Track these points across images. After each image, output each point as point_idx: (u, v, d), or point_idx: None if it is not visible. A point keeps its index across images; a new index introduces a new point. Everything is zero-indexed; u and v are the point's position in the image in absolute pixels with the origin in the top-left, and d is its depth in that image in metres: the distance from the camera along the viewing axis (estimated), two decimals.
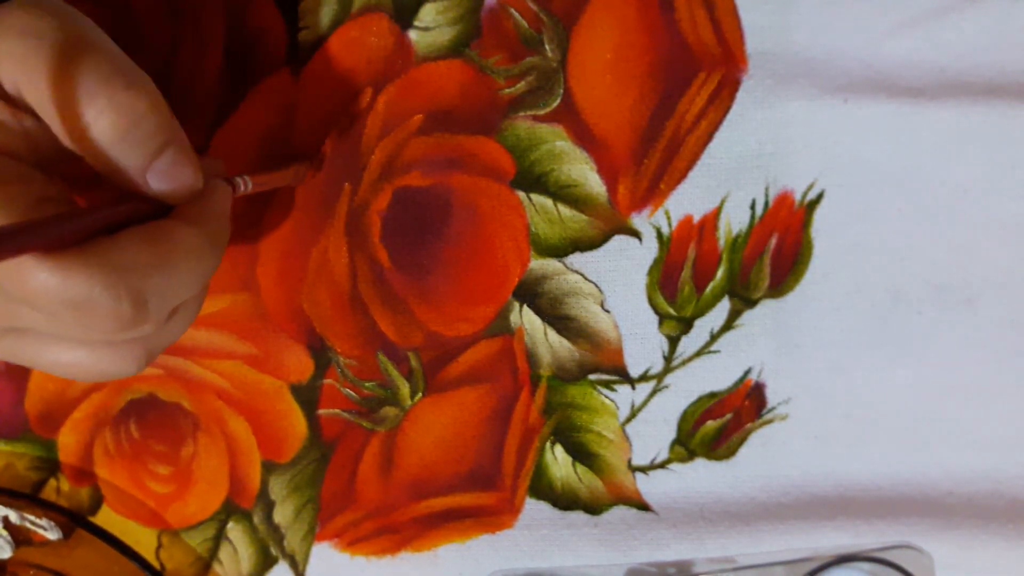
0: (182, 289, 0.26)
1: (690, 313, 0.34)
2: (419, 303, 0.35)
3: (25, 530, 0.37)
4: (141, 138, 0.25)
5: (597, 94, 0.34)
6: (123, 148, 0.25)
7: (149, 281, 0.24)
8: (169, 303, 0.25)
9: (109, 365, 0.26)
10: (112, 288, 0.23)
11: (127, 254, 0.24)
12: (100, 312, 0.23)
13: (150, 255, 0.24)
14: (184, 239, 0.25)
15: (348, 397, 0.36)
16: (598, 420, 0.35)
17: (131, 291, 0.24)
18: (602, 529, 0.35)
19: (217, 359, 0.36)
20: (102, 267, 0.23)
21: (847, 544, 0.34)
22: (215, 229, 0.27)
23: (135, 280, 0.24)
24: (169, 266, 0.25)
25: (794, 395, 0.34)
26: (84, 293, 0.23)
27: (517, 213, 0.35)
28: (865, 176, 0.33)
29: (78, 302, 0.23)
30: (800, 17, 0.33)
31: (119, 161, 0.25)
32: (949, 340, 0.34)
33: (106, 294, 0.23)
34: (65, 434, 0.37)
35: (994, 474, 0.34)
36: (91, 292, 0.23)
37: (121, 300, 0.23)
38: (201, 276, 0.26)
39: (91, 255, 0.23)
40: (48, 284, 0.22)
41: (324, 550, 0.37)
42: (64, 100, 0.24)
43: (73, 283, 0.23)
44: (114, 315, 0.23)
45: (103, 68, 0.24)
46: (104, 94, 0.24)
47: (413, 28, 0.34)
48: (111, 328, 0.24)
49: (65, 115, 0.24)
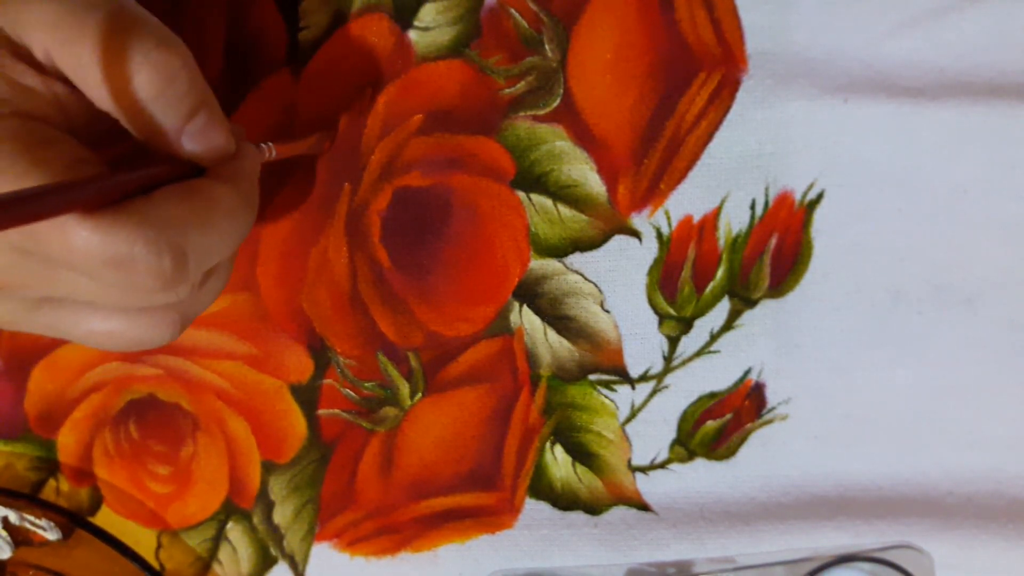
0: (219, 247, 0.26)
1: (690, 313, 0.34)
2: (419, 303, 0.35)
3: (25, 530, 0.37)
4: (176, 97, 0.25)
5: (597, 94, 0.34)
6: (159, 106, 0.25)
7: (188, 237, 0.24)
8: (207, 261, 0.25)
9: (145, 332, 0.26)
10: (153, 244, 0.23)
11: (166, 211, 0.24)
12: (142, 269, 0.23)
13: (188, 212, 0.24)
14: (220, 197, 0.26)
15: (348, 397, 0.36)
16: (598, 420, 0.35)
17: (172, 247, 0.24)
18: (602, 529, 0.35)
19: (217, 359, 0.36)
20: (143, 224, 0.23)
21: (847, 544, 0.34)
22: (247, 189, 0.27)
23: (175, 236, 0.24)
24: (207, 223, 0.25)
25: (794, 395, 0.34)
26: (126, 250, 0.23)
27: (517, 213, 0.35)
28: (865, 176, 0.33)
29: (120, 260, 0.23)
30: (800, 17, 0.33)
31: (156, 120, 0.25)
32: (949, 340, 0.34)
33: (148, 250, 0.23)
34: (65, 434, 0.37)
35: (994, 474, 0.34)
36: (133, 249, 0.23)
37: (163, 256, 0.23)
38: (236, 235, 0.27)
39: (131, 213, 0.23)
40: (90, 243, 0.22)
41: (324, 550, 0.36)
42: (99, 60, 0.24)
43: (115, 240, 0.23)
44: (156, 272, 0.23)
45: (137, 27, 0.25)
46: (140, 51, 0.24)
47: (413, 28, 0.34)
48: (152, 286, 0.24)
49: (101, 75, 0.24)
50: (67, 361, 0.37)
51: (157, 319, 0.26)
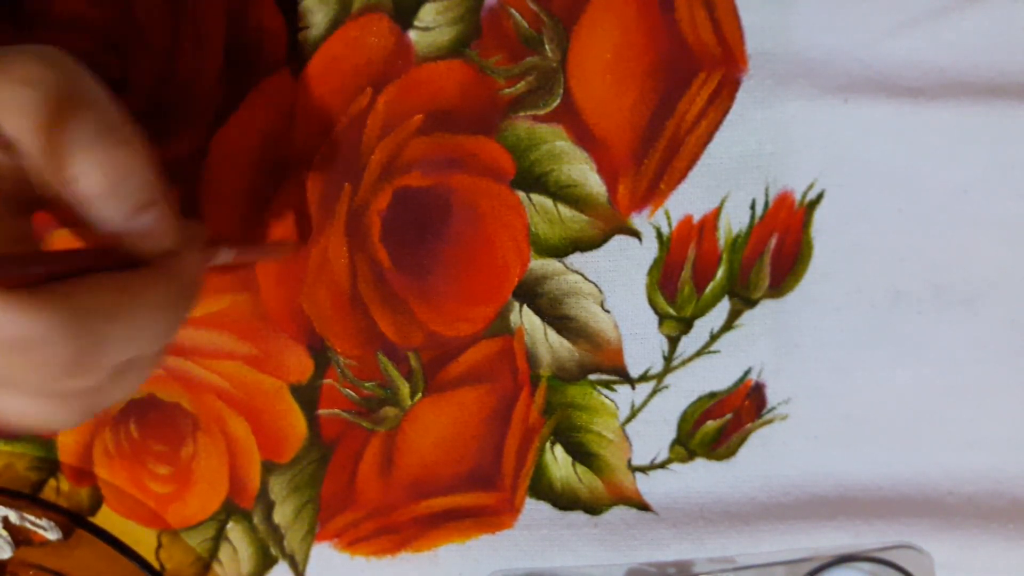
0: (138, 343, 0.25)
1: (690, 313, 0.34)
2: (419, 303, 0.35)
3: (25, 530, 0.37)
4: (126, 194, 0.25)
5: (597, 94, 0.34)
6: (108, 201, 0.25)
7: (106, 328, 0.24)
8: (122, 354, 0.25)
9: (49, 416, 0.25)
10: (57, 329, 0.22)
11: (89, 296, 0.23)
12: (43, 356, 0.23)
13: (114, 300, 0.24)
14: (153, 290, 0.25)
15: (348, 397, 0.36)
16: (598, 420, 0.35)
17: (79, 335, 0.23)
18: (602, 529, 0.35)
19: (217, 359, 0.36)
20: (50, 305, 0.22)
21: (847, 544, 0.34)
22: (183, 291, 0.27)
23: (87, 322, 0.23)
24: (132, 314, 0.24)
25: (794, 395, 0.34)
26: (27, 333, 0.22)
27: (517, 213, 0.35)
28: (865, 176, 0.33)
29: (21, 343, 0.22)
30: (800, 17, 0.33)
31: (102, 212, 0.25)
32: (949, 340, 0.34)
33: (49, 336, 0.22)
34: (65, 434, 0.37)
35: (994, 474, 0.34)
36: (33, 330, 0.22)
37: (67, 344, 0.23)
38: (160, 333, 0.26)
39: (48, 294, 0.23)
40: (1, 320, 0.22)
41: (324, 550, 0.37)
42: (56, 150, 0.24)
43: (20, 320, 0.22)
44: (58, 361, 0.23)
45: (98, 123, 0.25)
46: (97, 149, 0.24)
47: (413, 28, 0.34)
48: (60, 371, 0.23)
49: (56, 164, 0.24)
50: None
51: (65, 405, 0.25)
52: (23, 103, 0.24)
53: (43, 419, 0.26)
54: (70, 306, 0.23)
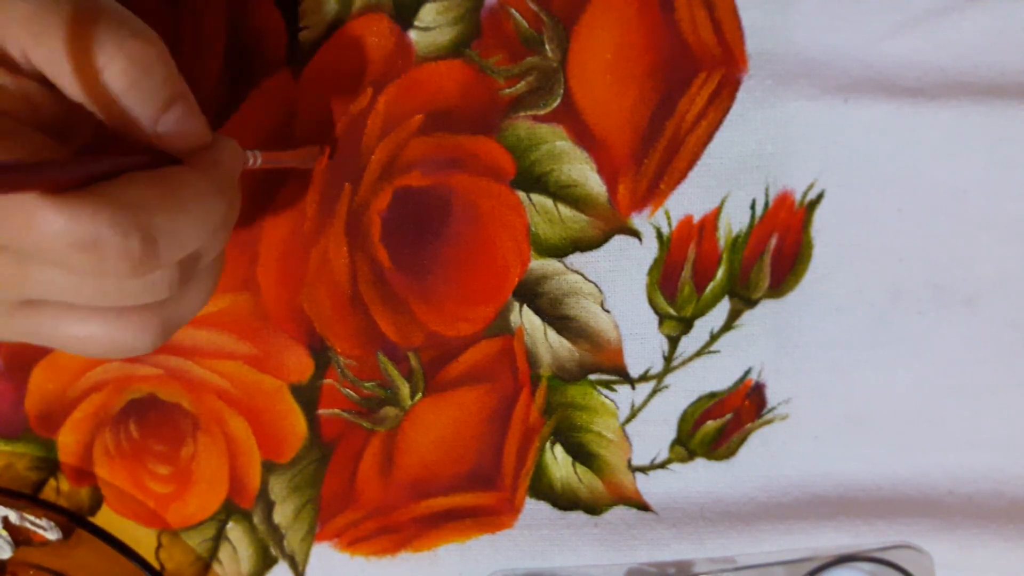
0: (191, 234, 0.25)
1: (690, 313, 0.34)
2: (419, 303, 0.35)
3: (25, 530, 0.37)
4: (151, 87, 0.25)
5: (597, 94, 0.34)
6: (134, 96, 0.25)
7: (156, 218, 0.24)
8: (178, 247, 0.25)
9: (124, 336, 0.26)
10: (119, 223, 0.23)
11: (132, 192, 0.24)
12: (109, 250, 0.23)
13: (156, 194, 0.24)
14: (191, 181, 0.25)
15: (348, 397, 0.36)
16: (598, 420, 0.35)
17: (139, 226, 0.23)
18: (602, 529, 0.35)
19: (217, 359, 0.36)
20: (108, 204, 0.23)
21: (847, 544, 0.34)
22: (222, 179, 0.27)
23: (142, 216, 0.23)
24: (176, 205, 0.25)
25: (794, 395, 0.34)
26: (91, 230, 0.23)
27: (517, 213, 0.35)
28: (865, 176, 0.33)
29: (86, 241, 0.23)
30: (800, 17, 0.33)
31: (130, 111, 0.25)
32: (949, 340, 0.34)
33: (113, 230, 0.23)
34: (65, 434, 0.37)
35: (994, 474, 0.34)
36: (98, 229, 0.23)
37: (129, 236, 0.23)
38: (209, 222, 0.26)
39: (97, 194, 0.23)
40: (55, 224, 0.22)
41: (324, 550, 0.37)
42: (75, 52, 0.24)
43: (79, 220, 0.22)
44: (123, 253, 0.23)
45: (109, 18, 0.25)
46: (113, 42, 0.24)
47: (413, 28, 0.34)
48: (122, 269, 0.23)
49: (76, 67, 0.24)
50: (67, 361, 0.37)
51: (136, 322, 0.26)
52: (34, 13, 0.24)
53: (116, 341, 0.26)
54: (120, 200, 0.23)
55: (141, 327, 0.26)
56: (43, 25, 0.24)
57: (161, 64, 0.25)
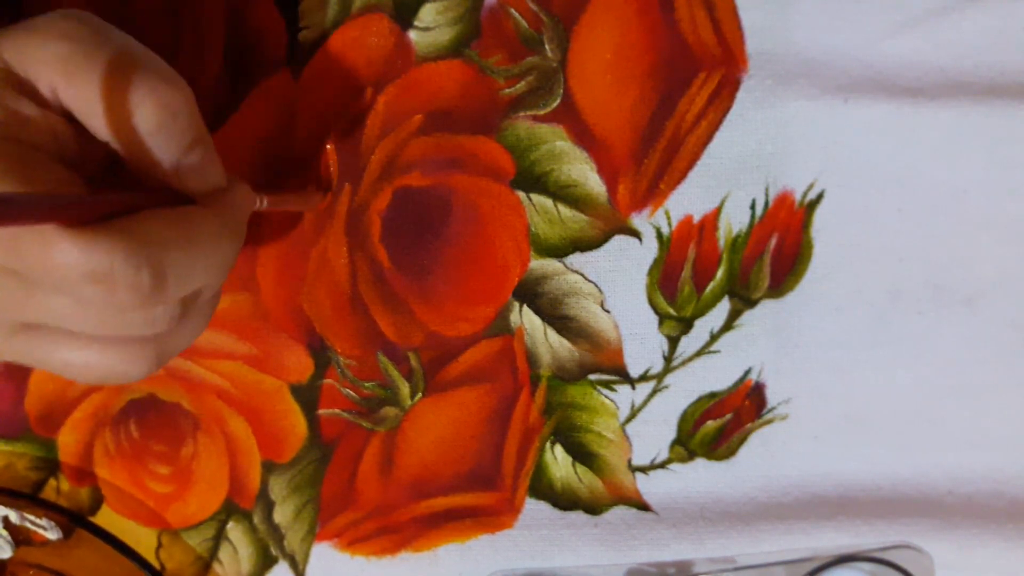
0: (201, 272, 0.26)
1: (690, 313, 0.35)
2: (419, 303, 0.35)
3: (25, 530, 0.37)
4: (177, 131, 0.26)
5: (597, 94, 0.34)
6: (160, 138, 0.26)
7: (169, 255, 0.24)
8: (187, 284, 0.26)
9: (118, 365, 0.26)
10: (132, 258, 0.23)
11: (148, 228, 0.24)
12: (120, 283, 0.23)
13: (171, 232, 0.25)
14: (205, 221, 0.26)
15: (348, 397, 0.36)
16: (598, 420, 0.35)
17: (151, 262, 0.24)
18: (602, 529, 0.35)
19: (217, 359, 0.36)
20: (123, 238, 0.23)
21: (847, 544, 0.34)
22: (234, 221, 0.28)
23: (155, 252, 0.24)
24: (189, 244, 0.25)
25: (794, 395, 0.34)
26: (106, 263, 0.23)
27: (517, 213, 0.35)
28: (865, 176, 0.33)
29: (99, 273, 0.23)
30: (800, 17, 0.33)
31: (154, 151, 0.26)
32: (949, 340, 0.34)
33: (127, 263, 0.23)
34: (65, 434, 0.37)
35: (994, 474, 0.34)
36: (112, 262, 0.23)
37: (141, 270, 0.24)
38: (219, 262, 0.27)
39: (113, 228, 0.24)
40: (70, 255, 0.23)
41: (324, 550, 0.37)
42: (104, 92, 0.25)
43: (95, 253, 0.23)
44: (134, 286, 0.24)
45: (143, 64, 0.25)
46: (146, 87, 0.25)
47: (413, 28, 0.34)
48: (131, 302, 0.24)
49: (107, 108, 0.25)
50: None
51: (132, 352, 0.26)
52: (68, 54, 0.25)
53: (110, 369, 0.26)
54: (136, 236, 0.24)
55: (136, 357, 0.27)
56: (78, 67, 0.25)
57: (188, 109, 0.26)
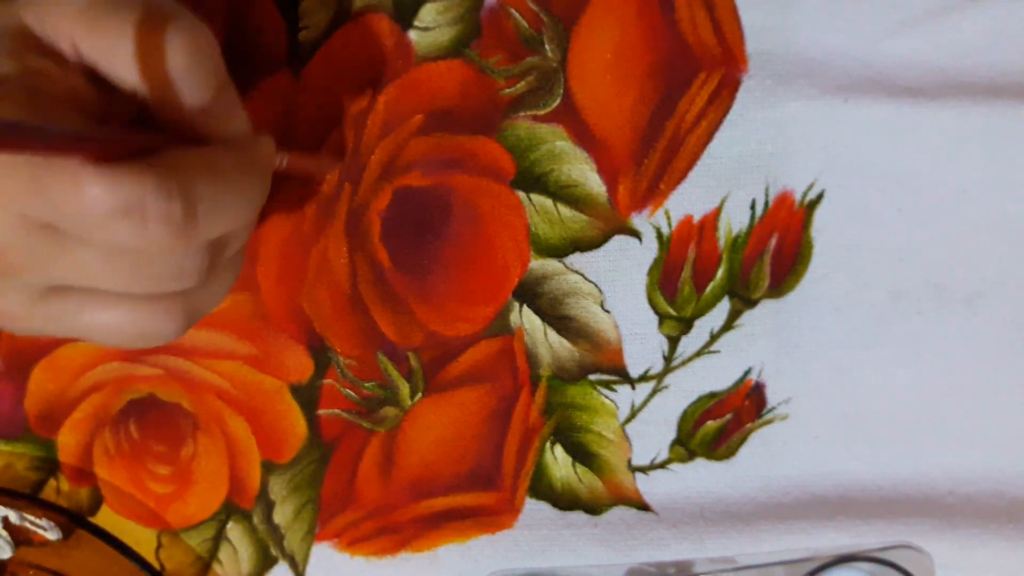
0: (229, 207, 0.26)
1: (690, 313, 0.35)
2: (419, 303, 0.35)
3: (25, 530, 0.37)
4: (204, 73, 0.26)
5: (597, 94, 0.34)
6: (188, 81, 0.25)
7: (198, 186, 0.24)
8: (217, 220, 0.25)
9: (148, 323, 0.26)
10: (163, 187, 0.23)
11: (176, 161, 0.24)
12: (151, 214, 0.23)
13: (199, 164, 0.25)
14: (231, 160, 0.26)
15: (348, 397, 0.36)
16: (598, 420, 0.35)
17: (182, 191, 0.24)
18: (602, 529, 0.35)
19: (217, 359, 0.36)
20: (152, 170, 0.23)
21: (847, 544, 0.34)
22: (259, 169, 0.27)
23: (185, 182, 0.24)
24: (217, 177, 0.25)
25: (794, 395, 0.34)
26: (135, 194, 0.23)
27: (517, 213, 0.35)
28: (865, 176, 0.33)
29: (130, 206, 0.23)
30: (800, 17, 0.33)
31: (182, 95, 0.25)
32: (949, 340, 0.34)
33: (158, 193, 0.23)
34: (65, 434, 0.37)
35: (994, 474, 0.34)
36: (142, 193, 0.23)
37: (172, 199, 0.23)
38: (245, 200, 0.26)
39: (141, 162, 0.23)
40: (100, 191, 0.23)
41: (324, 550, 0.37)
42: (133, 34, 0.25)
43: (124, 186, 0.23)
44: (165, 217, 0.23)
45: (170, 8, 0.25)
46: (175, 27, 0.25)
47: (413, 28, 0.34)
48: (163, 236, 0.24)
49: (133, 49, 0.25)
50: (67, 361, 0.37)
51: (163, 309, 0.26)
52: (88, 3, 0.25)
53: (141, 329, 0.26)
54: (165, 167, 0.24)
55: (167, 315, 0.26)
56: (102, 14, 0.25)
57: (214, 52, 0.26)
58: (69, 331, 0.27)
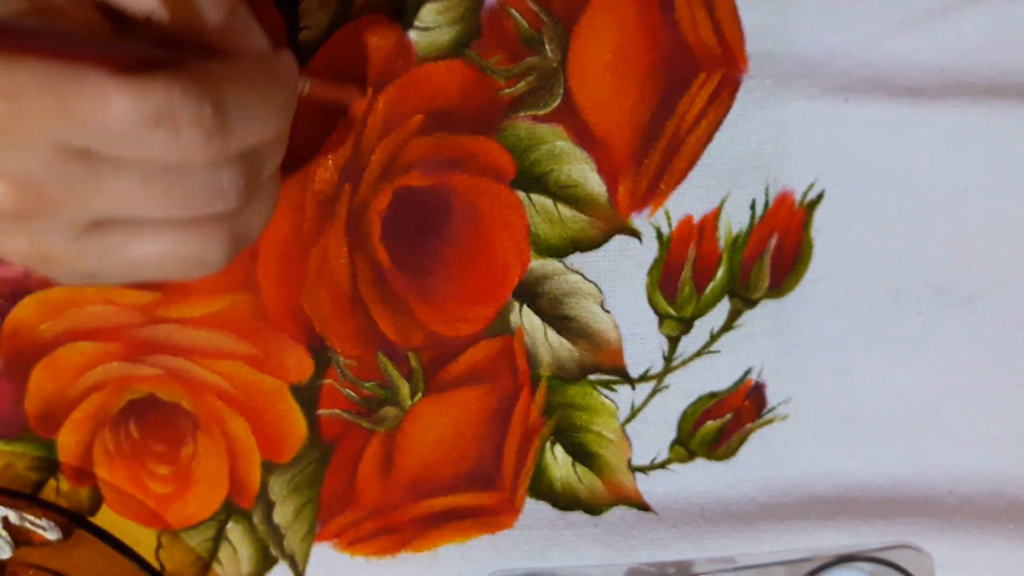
0: (259, 113, 0.25)
1: (690, 313, 0.35)
2: (419, 303, 0.35)
3: (25, 530, 0.37)
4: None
5: (597, 94, 0.34)
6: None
7: (226, 88, 0.24)
8: (248, 127, 0.25)
9: (195, 249, 0.26)
10: (192, 90, 0.23)
11: (202, 67, 0.24)
12: (182, 120, 0.23)
13: (225, 70, 0.24)
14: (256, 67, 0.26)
15: (348, 397, 0.36)
16: (598, 420, 0.35)
17: (211, 93, 0.23)
18: (602, 529, 0.35)
19: (217, 359, 0.36)
20: (179, 76, 0.23)
21: (847, 544, 0.34)
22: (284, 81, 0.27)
23: (213, 85, 0.24)
24: (245, 82, 0.25)
25: (794, 395, 0.34)
26: (164, 101, 0.23)
27: (517, 213, 0.35)
28: (865, 176, 0.33)
29: (160, 114, 0.23)
30: (800, 17, 0.33)
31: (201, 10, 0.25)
32: (949, 340, 0.34)
33: (186, 96, 0.23)
34: (65, 434, 0.37)
35: (994, 474, 0.34)
36: (171, 98, 0.23)
37: (202, 102, 0.23)
38: (275, 113, 0.26)
39: (166, 70, 0.23)
40: (127, 98, 0.22)
41: (324, 550, 0.36)
42: None
43: (151, 93, 0.22)
44: (196, 120, 0.23)
45: None
46: None
47: (413, 28, 0.34)
48: (197, 141, 0.23)
49: None
50: (67, 361, 0.37)
51: (208, 233, 0.26)
52: None
53: (189, 254, 0.26)
54: (191, 73, 0.23)
55: (212, 239, 0.26)
56: None
57: None
58: (116, 266, 0.26)
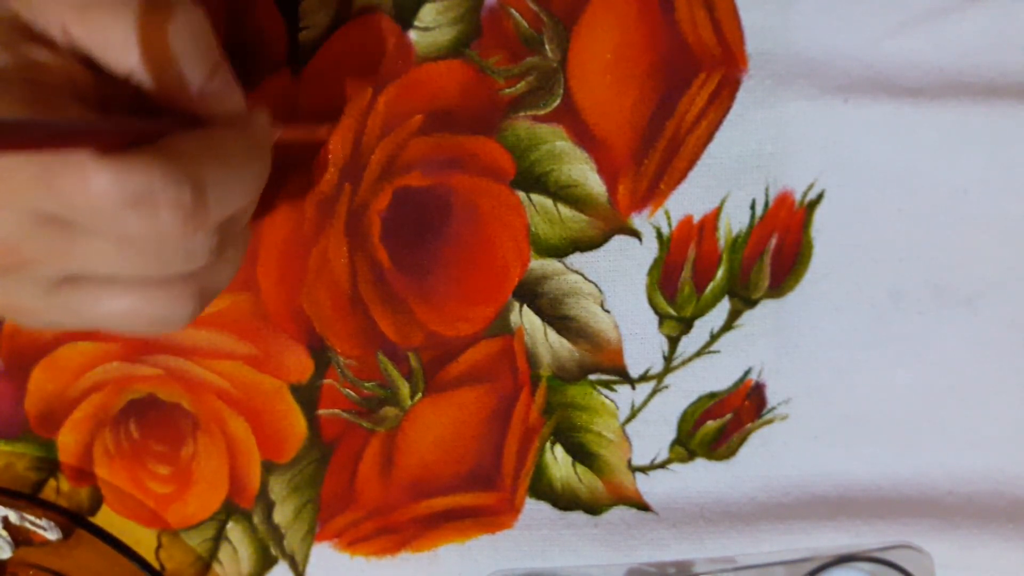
0: (236, 188, 0.26)
1: (690, 313, 0.35)
2: (419, 303, 0.35)
3: (25, 530, 0.37)
4: (203, 51, 0.26)
5: (597, 94, 0.34)
6: (187, 60, 0.25)
7: (205, 170, 0.24)
8: (225, 202, 0.25)
9: (165, 308, 0.26)
10: (172, 174, 0.23)
11: (181, 147, 0.24)
12: (162, 202, 0.23)
13: (203, 148, 0.25)
14: (233, 140, 0.26)
15: (348, 397, 0.36)
16: (598, 420, 0.35)
17: (190, 176, 0.24)
18: (602, 529, 0.35)
19: (217, 359, 0.36)
20: (159, 157, 0.23)
21: (847, 544, 0.34)
22: (259, 147, 0.27)
23: (193, 167, 0.24)
24: (222, 160, 0.25)
25: (794, 395, 0.34)
26: (144, 183, 0.23)
27: (517, 213, 0.35)
28: (865, 176, 0.33)
29: (139, 195, 0.23)
30: (800, 17, 0.33)
31: (182, 75, 0.26)
32: (949, 340, 0.34)
33: (165, 180, 0.23)
34: (65, 434, 0.37)
35: (994, 474, 0.34)
36: (150, 181, 0.23)
37: (181, 185, 0.23)
38: (250, 180, 0.27)
39: (146, 151, 0.23)
40: (108, 181, 0.23)
41: (324, 550, 0.37)
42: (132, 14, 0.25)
43: (132, 175, 0.23)
44: (175, 204, 0.23)
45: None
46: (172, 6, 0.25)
47: (413, 28, 0.34)
48: (175, 222, 0.24)
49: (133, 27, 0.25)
50: (67, 361, 0.37)
51: (176, 292, 0.26)
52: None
53: (156, 313, 0.26)
54: (171, 154, 0.24)
55: (180, 297, 0.26)
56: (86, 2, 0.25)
57: (208, 30, 0.26)
58: (85, 321, 0.26)
